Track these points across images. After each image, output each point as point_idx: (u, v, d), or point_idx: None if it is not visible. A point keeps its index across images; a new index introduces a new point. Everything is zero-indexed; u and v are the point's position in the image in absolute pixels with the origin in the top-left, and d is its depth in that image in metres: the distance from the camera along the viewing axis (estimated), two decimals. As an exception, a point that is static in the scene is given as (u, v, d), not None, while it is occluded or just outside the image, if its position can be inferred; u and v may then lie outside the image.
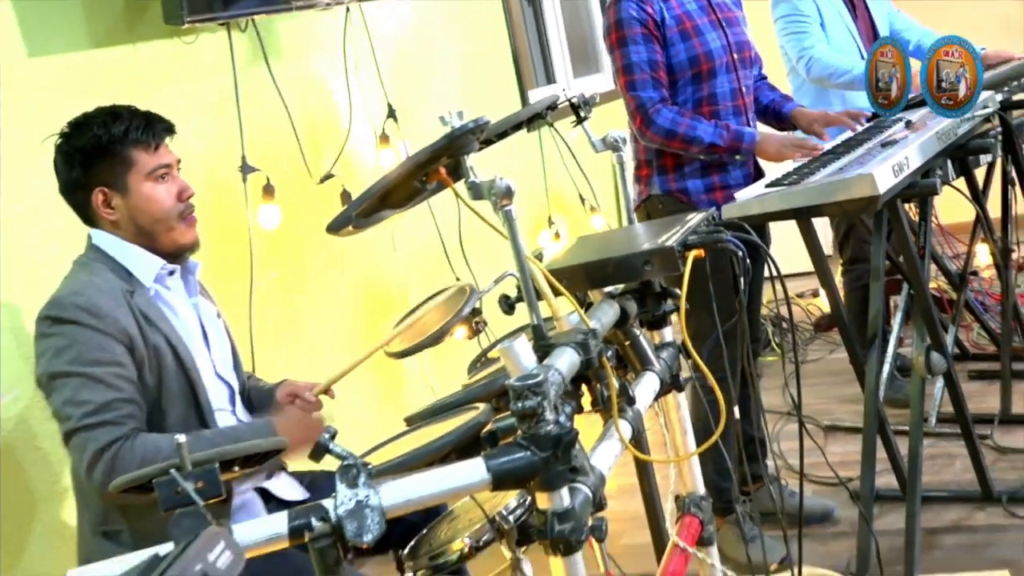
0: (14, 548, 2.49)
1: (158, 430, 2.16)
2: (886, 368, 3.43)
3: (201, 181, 3.18)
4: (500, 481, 1.47)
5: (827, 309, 4.92)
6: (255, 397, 2.50)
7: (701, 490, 2.17)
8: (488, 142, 2.29)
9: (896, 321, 3.28)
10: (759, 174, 3.15)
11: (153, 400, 2.17)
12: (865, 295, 3.42)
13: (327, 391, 2.43)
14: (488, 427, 1.53)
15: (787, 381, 4.44)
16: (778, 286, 1.96)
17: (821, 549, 3.12)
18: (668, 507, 2.28)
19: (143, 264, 2.24)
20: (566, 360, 1.61)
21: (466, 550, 2.16)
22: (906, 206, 3.19)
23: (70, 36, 2.88)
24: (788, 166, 3.00)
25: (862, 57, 3.91)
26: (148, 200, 2.23)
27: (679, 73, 3.05)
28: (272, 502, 2.35)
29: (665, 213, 2.97)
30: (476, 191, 1.66)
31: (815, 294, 5.47)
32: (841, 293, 4.10)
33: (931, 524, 3.12)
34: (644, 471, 2.25)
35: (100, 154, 2.21)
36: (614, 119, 3.20)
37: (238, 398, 2.41)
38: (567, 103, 2.32)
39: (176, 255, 2.30)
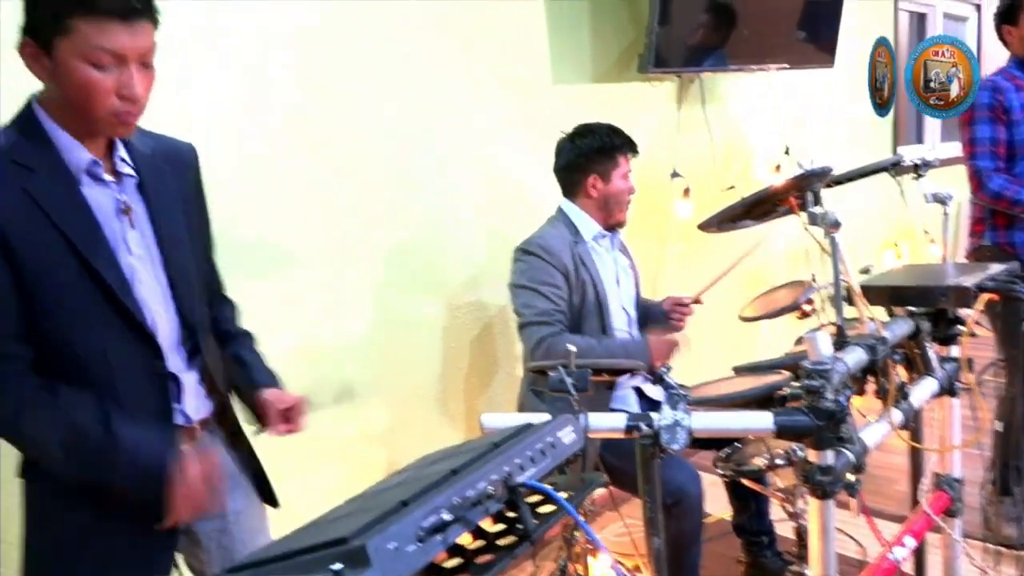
0: (481, 383, 2.66)
1: (576, 333, 2.15)
2: None
3: (644, 179, 3.13)
4: (781, 432, 1.31)
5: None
6: (649, 308, 2.41)
7: (956, 474, 1.82)
8: (839, 182, 2.03)
9: None
10: None
11: (576, 314, 2.16)
12: None
13: (697, 299, 2.32)
14: (783, 391, 1.36)
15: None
16: None
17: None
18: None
19: (588, 227, 2.24)
20: (854, 357, 1.38)
21: (762, 466, 2.00)
22: None
23: (580, 72, 2.92)
24: None
25: None
26: (618, 190, 2.23)
27: (1019, 149, 2.51)
28: (644, 399, 2.28)
29: (992, 261, 2.48)
30: (812, 218, 1.46)
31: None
32: None
33: None
34: (915, 450, 1.92)
35: (601, 153, 2.22)
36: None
37: (634, 323, 2.34)
38: (910, 163, 1.99)
39: (612, 226, 2.28)
